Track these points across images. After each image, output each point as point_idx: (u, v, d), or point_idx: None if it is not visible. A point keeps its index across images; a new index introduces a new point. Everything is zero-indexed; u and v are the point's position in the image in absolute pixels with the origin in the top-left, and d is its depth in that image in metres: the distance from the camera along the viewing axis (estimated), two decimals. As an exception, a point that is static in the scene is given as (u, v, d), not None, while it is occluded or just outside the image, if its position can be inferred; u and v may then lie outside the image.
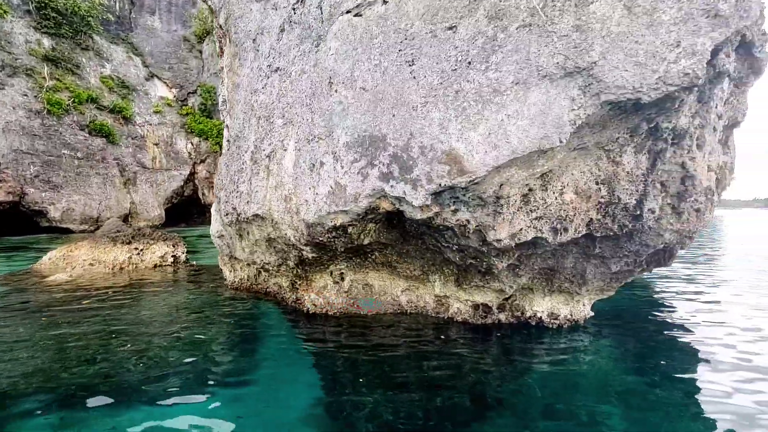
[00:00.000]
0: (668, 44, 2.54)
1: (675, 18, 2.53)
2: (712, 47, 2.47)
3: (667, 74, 2.55)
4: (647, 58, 2.60)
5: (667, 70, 2.55)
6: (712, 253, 13.79)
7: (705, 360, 4.29)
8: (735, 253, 13.98)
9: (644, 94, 2.64)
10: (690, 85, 2.58)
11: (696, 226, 4.10)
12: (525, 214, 3.88)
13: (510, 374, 4.02)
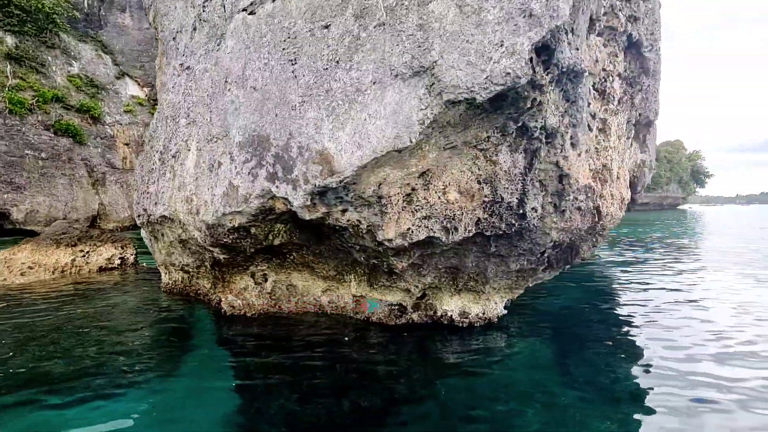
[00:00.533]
0: (494, 44, 2.54)
1: (498, 17, 2.53)
2: (530, 46, 2.47)
3: (492, 73, 2.55)
4: (477, 58, 2.60)
5: (492, 70, 2.55)
6: (676, 246, 14.04)
7: (627, 359, 4.28)
8: (696, 247, 14.25)
9: (477, 93, 2.64)
10: (513, 85, 2.58)
11: (583, 224, 4.14)
12: (410, 214, 3.87)
13: (422, 375, 4.01)
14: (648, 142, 5.98)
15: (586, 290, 7.87)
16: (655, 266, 10.63)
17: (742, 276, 8.89)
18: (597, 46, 4.00)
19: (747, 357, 4.30)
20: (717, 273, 9.35)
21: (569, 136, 3.55)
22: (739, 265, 10.48)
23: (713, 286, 7.85)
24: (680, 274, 9.35)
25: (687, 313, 5.86)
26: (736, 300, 6.80)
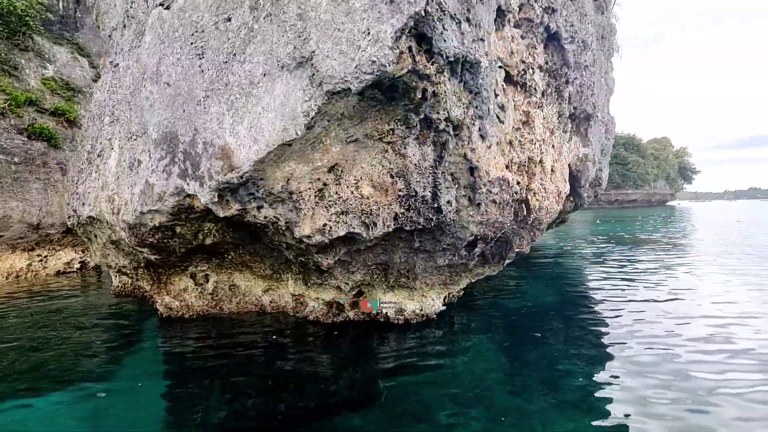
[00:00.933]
0: (362, 32, 2.49)
1: (365, 5, 2.48)
2: (393, 34, 2.41)
3: (360, 62, 2.50)
4: (348, 46, 2.54)
5: (360, 58, 2.50)
6: (651, 244, 14.11)
7: (578, 358, 4.20)
8: (671, 243, 14.34)
9: (350, 83, 2.59)
10: (380, 73, 2.53)
11: (503, 217, 4.10)
12: (324, 209, 3.80)
13: (357, 374, 3.96)
14: (590, 136, 5.98)
15: (553, 288, 7.82)
16: (628, 264, 10.66)
17: (709, 272, 8.94)
18: (514, 38, 3.96)
19: (708, 355, 4.23)
20: (685, 269, 9.39)
21: (477, 128, 3.50)
22: (708, 261, 10.54)
23: (680, 285, 7.87)
24: (653, 271, 9.38)
25: (649, 314, 5.80)
26: (698, 295, 6.83)
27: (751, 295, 6.58)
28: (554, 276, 8.88)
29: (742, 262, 9.81)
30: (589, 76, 5.36)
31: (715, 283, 7.62)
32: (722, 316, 5.43)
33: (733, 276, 8.11)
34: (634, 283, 7.80)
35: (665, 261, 10.33)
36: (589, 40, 5.07)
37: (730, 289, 7.07)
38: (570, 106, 5.11)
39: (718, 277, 8.10)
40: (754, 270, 8.62)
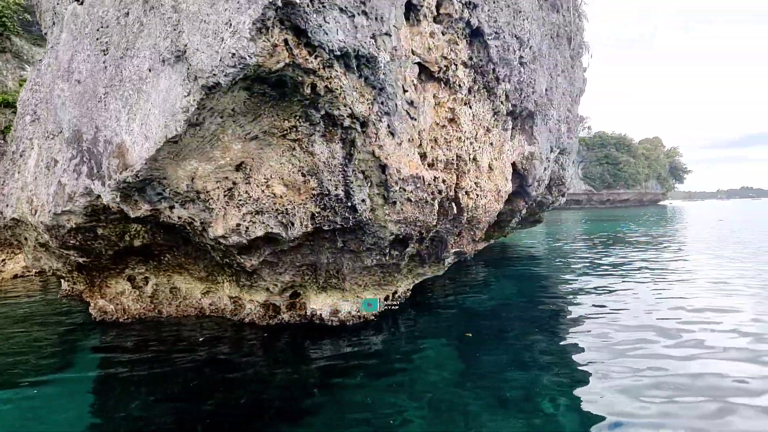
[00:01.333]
0: (225, 23, 2.39)
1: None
2: (251, 25, 2.32)
3: (223, 55, 2.41)
4: (213, 39, 2.45)
5: (223, 51, 2.40)
6: (632, 242, 14.10)
7: (524, 359, 4.08)
8: (654, 242, 14.33)
9: (218, 77, 2.49)
10: (242, 66, 2.43)
11: (425, 216, 4.01)
12: (236, 209, 3.70)
13: (289, 377, 3.85)
14: (536, 135, 5.91)
15: (521, 287, 7.72)
16: (602, 262, 10.62)
17: (681, 271, 8.90)
18: (435, 34, 3.88)
19: (670, 357, 4.15)
20: (657, 267, 9.36)
21: (385, 125, 3.41)
22: (681, 259, 10.51)
23: (650, 286, 7.81)
24: (623, 270, 9.35)
25: (613, 315, 5.71)
26: (665, 296, 6.78)
27: (719, 294, 6.52)
28: (526, 275, 8.81)
29: (713, 261, 9.79)
30: (530, 73, 5.29)
31: (684, 282, 7.58)
32: (684, 319, 5.34)
33: (702, 275, 8.08)
34: (604, 281, 7.76)
35: (638, 259, 10.30)
36: (526, 37, 5.00)
37: (695, 290, 7.03)
38: (507, 104, 5.04)
39: (687, 276, 8.06)
40: (726, 272, 8.58)
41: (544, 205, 9.32)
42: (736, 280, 7.44)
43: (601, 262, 10.17)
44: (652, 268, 8.92)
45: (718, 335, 4.61)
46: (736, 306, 5.73)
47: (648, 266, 9.24)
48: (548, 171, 7.20)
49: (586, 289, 7.23)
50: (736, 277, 7.77)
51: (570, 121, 9.04)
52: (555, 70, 7.26)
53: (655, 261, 9.97)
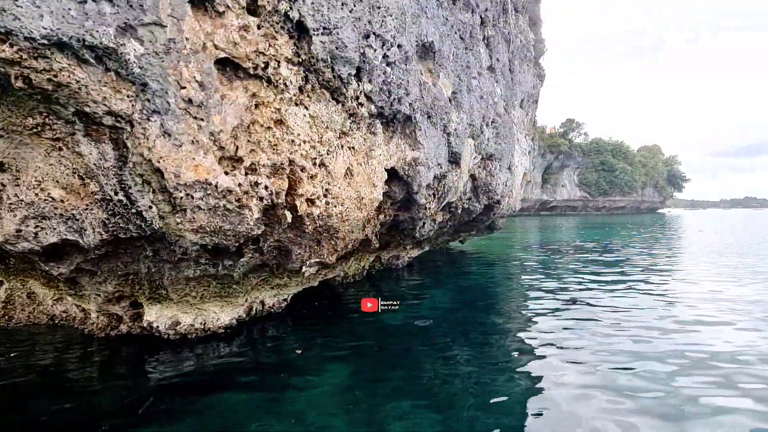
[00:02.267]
0: None
1: None
2: None
3: None
4: None
5: None
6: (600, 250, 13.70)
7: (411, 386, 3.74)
8: (620, 250, 13.94)
9: None
10: None
11: (227, 223, 3.67)
12: (10, 213, 3.38)
13: (122, 394, 3.60)
14: (422, 139, 5.56)
15: (456, 298, 7.37)
16: (556, 273, 10.25)
17: (632, 281, 8.53)
18: (249, 27, 3.55)
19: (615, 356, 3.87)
20: (608, 279, 9.00)
21: (156, 125, 3.08)
22: (637, 269, 10.12)
23: (596, 295, 7.45)
24: (578, 282, 8.99)
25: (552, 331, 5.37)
26: (608, 305, 6.45)
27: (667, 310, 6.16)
28: (462, 286, 8.46)
29: (664, 277, 9.39)
30: (401, 74, 4.95)
31: (628, 294, 7.22)
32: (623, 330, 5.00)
33: (647, 290, 7.70)
34: (549, 294, 7.40)
35: (593, 271, 9.93)
36: (390, 35, 4.66)
37: (640, 301, 6.68)
38: (370, 106, 4.70)
39: (633, 290, 7.68)
40: (678, 287, 8.19)
41: (474, 212, 8.95)
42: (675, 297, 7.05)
43: (555, 272, 9.82)
44: (597, 281, 8.55)
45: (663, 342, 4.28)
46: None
47: (600, 278, 8.87)
48: (461, 178, 6.83)
49: (517, 307, 6.88)
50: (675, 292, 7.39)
51: (501, 126, 8.69)
52: (467, 71, 6.91)
53: (612, 273, 9.59)
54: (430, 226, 7.60)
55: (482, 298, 7.44)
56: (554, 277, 9.27)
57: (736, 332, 5.18)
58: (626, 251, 14.25)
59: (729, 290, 7.61)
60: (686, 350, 4.55)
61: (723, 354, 4.44)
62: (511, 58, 9.77)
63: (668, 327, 5.37)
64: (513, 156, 9.97)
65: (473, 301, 7.14)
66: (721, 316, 5.82)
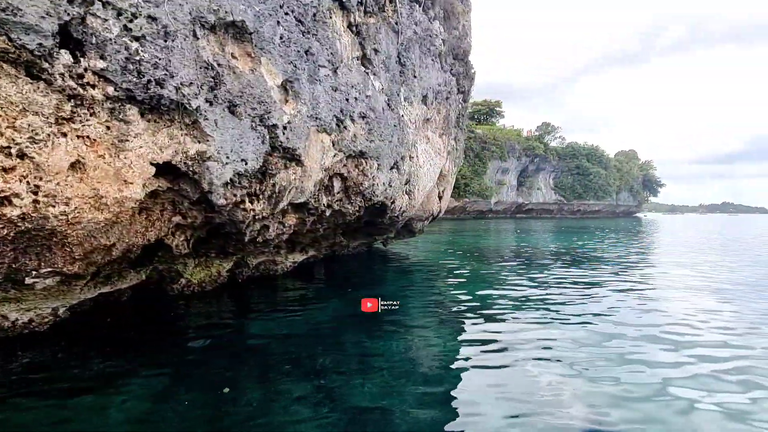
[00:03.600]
0: None
1: None
2: None
3: None
4: None
5: None
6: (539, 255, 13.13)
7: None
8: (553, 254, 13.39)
9: None
10: None
11: None
12: None
13: None
14: (209, 131, 4.81)
15: (334, 316, 6.55)
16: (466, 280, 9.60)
17: (544, 293, 7.93)
18: None
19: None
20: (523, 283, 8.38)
21: None
22: (555, 277, 9.56)
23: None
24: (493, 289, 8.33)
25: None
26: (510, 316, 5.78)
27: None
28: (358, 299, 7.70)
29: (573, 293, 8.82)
30: (158, 52, 4.20)
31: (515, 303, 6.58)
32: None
33: (545, 304, 7.08)
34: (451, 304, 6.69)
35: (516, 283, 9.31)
36: (126, 3, 3.92)
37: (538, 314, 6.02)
38: (106, 88, 3.94)
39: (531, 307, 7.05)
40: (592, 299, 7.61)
41: (348, 214, 8.25)
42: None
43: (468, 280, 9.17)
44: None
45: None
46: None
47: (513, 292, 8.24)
48: (309, 177, 6.08)
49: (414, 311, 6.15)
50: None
51: (376, 122, 8.02)
52: (308, 59, 6.20)
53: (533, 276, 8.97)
54: (278, 230, 6.87)
55: (369, 317, 6.62)
56: (474, 287, 8.65)
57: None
58: (559, 267, 13.75)
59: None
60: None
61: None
62: (403, 51, 9.12)
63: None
64: (404, 155, 9.30)
65: (359, 322, 6.33)
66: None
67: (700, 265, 12.27)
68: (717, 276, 10.40)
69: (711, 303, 7.44)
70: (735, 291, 8.46)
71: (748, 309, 6.94)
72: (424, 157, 10.95)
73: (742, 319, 6.34)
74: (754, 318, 6.35)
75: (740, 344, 5.12)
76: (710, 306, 7.20)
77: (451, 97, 12.58)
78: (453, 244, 18.30)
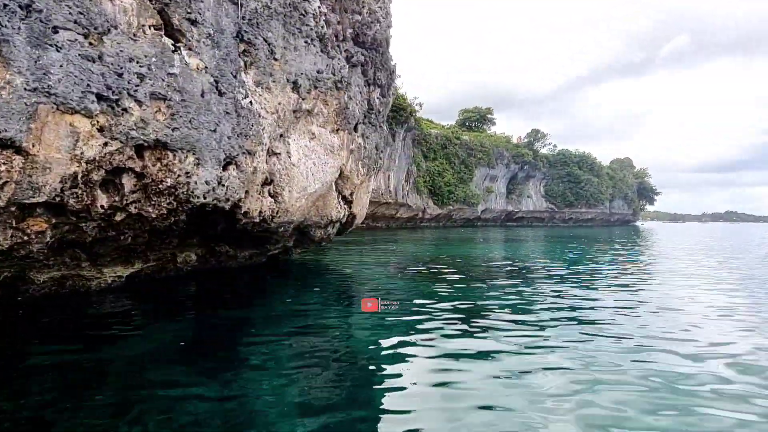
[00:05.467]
0: None
1: None
2: None
3: None
4: None
5: None
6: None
7: None
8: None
9: None
10: None
11: None
12: None
13: None
14: None
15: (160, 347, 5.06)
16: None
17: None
18: None
19: None
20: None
21: None
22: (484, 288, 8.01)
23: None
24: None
25: None
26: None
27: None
28: (205, 323, 6.22)
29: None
30: None
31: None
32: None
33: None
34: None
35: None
36: None
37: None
38: None
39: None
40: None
41: (158, 220, 6.75)
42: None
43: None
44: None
45: None
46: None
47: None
48: (51, 170, 4.59)
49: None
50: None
51: (182, 106, 6.56)
52: (20, 15, 4.77)
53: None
54: (14, 238, 5.37)
55: (185, 353, 5.11)
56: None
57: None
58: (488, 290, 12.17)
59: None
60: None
61: None
62: (249, 26, 7.69)
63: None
64: (253, 150, 7.81)
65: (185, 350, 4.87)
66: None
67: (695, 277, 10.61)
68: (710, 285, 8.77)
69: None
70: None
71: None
72: (302, 155, 9.47)
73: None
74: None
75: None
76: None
77: (352, 88, 11.14)
78: (403, 254, 16.75)
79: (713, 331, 5.78)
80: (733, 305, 7.60)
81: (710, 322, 6.31)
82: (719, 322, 6.36)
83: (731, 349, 4.95)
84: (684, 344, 5.03)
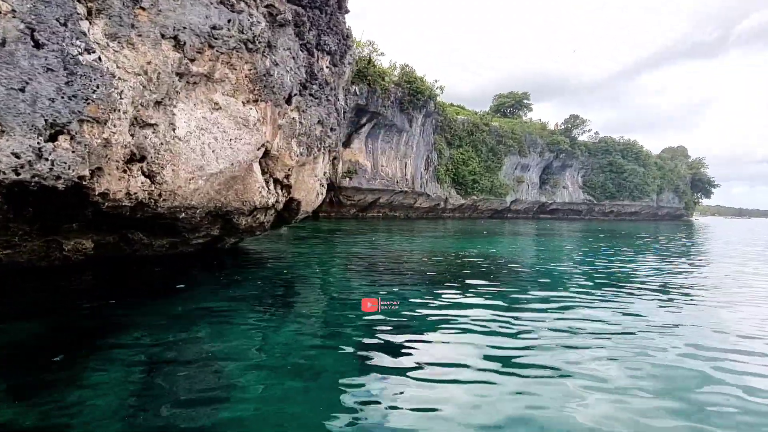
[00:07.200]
0: None
1: None
2: None
3: None
4: None
5: None
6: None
7: None
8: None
9: None
10: None
11: None
12: None
13: None
14: None
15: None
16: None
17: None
18: None
19: None
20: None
21: None
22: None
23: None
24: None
25: None
26: None
27: None
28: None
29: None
30: None
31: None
32: None
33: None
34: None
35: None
36: None
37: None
38: None
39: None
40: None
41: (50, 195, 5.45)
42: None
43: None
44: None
45: None
46: None
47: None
48: None
49: None
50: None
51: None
52: None
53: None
54: None
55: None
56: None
57: None
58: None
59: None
60: None
61: None
62: None
63: None
64: (103, 119, 6.33)
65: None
66: None
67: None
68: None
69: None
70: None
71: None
72: (195, 127, 7.92)
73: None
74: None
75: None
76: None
77: (278, 52, 9.42)
78: (372, 248, 15.03)
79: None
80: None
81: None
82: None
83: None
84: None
